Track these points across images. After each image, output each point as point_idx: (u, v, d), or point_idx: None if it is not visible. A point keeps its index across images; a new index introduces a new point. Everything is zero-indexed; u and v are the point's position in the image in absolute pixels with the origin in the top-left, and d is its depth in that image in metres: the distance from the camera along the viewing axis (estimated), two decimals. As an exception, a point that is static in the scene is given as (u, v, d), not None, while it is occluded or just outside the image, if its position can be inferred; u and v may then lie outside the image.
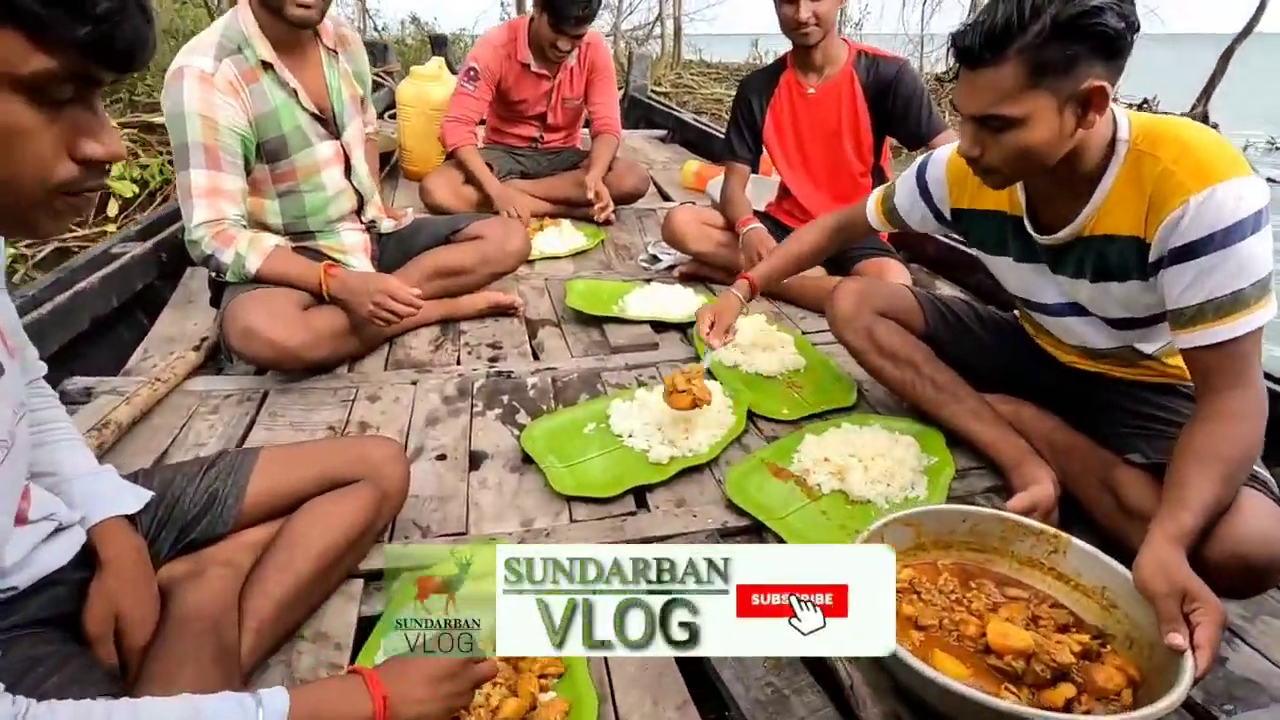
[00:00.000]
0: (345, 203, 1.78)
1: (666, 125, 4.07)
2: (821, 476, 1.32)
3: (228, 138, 1.48)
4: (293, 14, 1.46)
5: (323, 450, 1.10)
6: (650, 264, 2.40)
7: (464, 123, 2.53)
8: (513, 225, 1.94)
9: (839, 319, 1.51)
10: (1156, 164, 0.97)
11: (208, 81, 1.44)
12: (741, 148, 2.20)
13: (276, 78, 1.55)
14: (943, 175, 1.30)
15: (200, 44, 1.48)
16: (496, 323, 1.95)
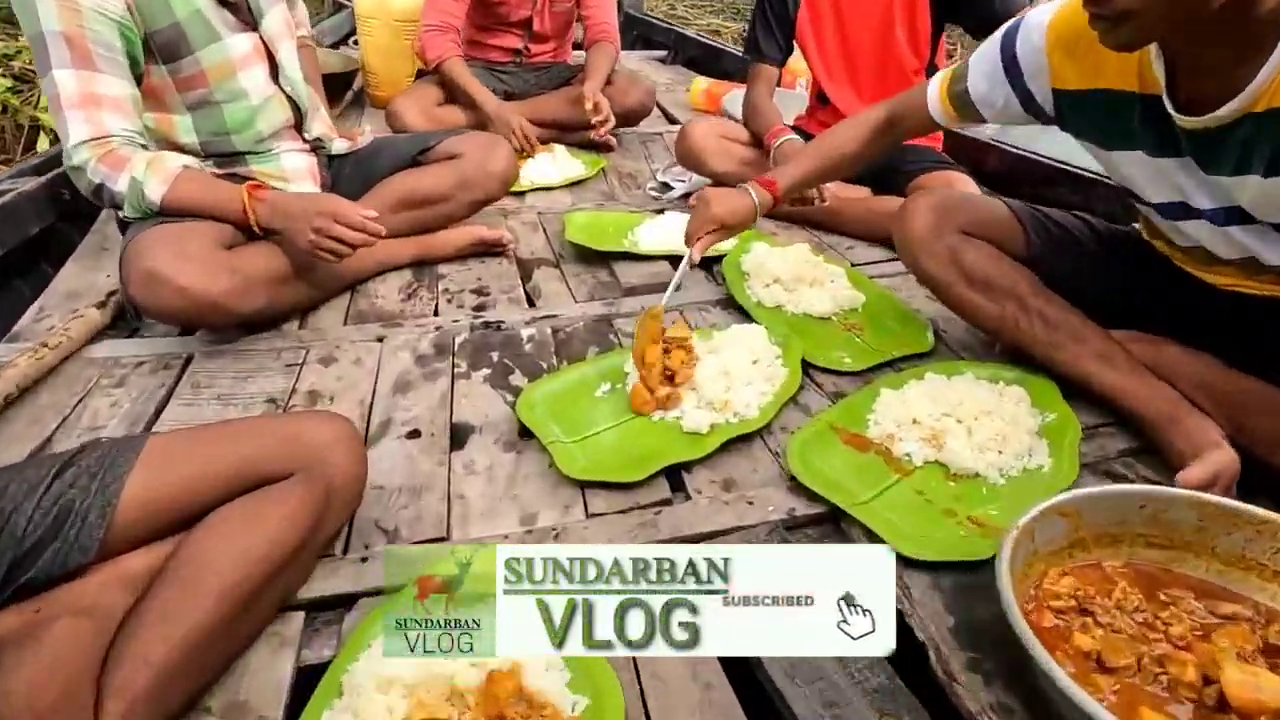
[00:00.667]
0: (277, 114, 1.41)
1: (667, 44, 3.62)
2: (910, 444, 1.01)
3: (98, 25, 1.11)
4: None
5: (239, 434, 0.79)
6: (661, 192, 2.04)
7: (445, 30, 2.13)
8: (497, 141, 1.58)
9: (914, 241, 1.17)
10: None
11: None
12: (769, 45, 1.82)
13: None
14: (1040, 44, 0.98)
15: None
16: (482, 264, 1.61)
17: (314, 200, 1.21)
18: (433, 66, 2.15)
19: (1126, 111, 0.93)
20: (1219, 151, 0.84)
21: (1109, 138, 0.98)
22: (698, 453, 1.01)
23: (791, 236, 1.77)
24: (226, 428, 0.82)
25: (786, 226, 1.82)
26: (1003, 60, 1.03)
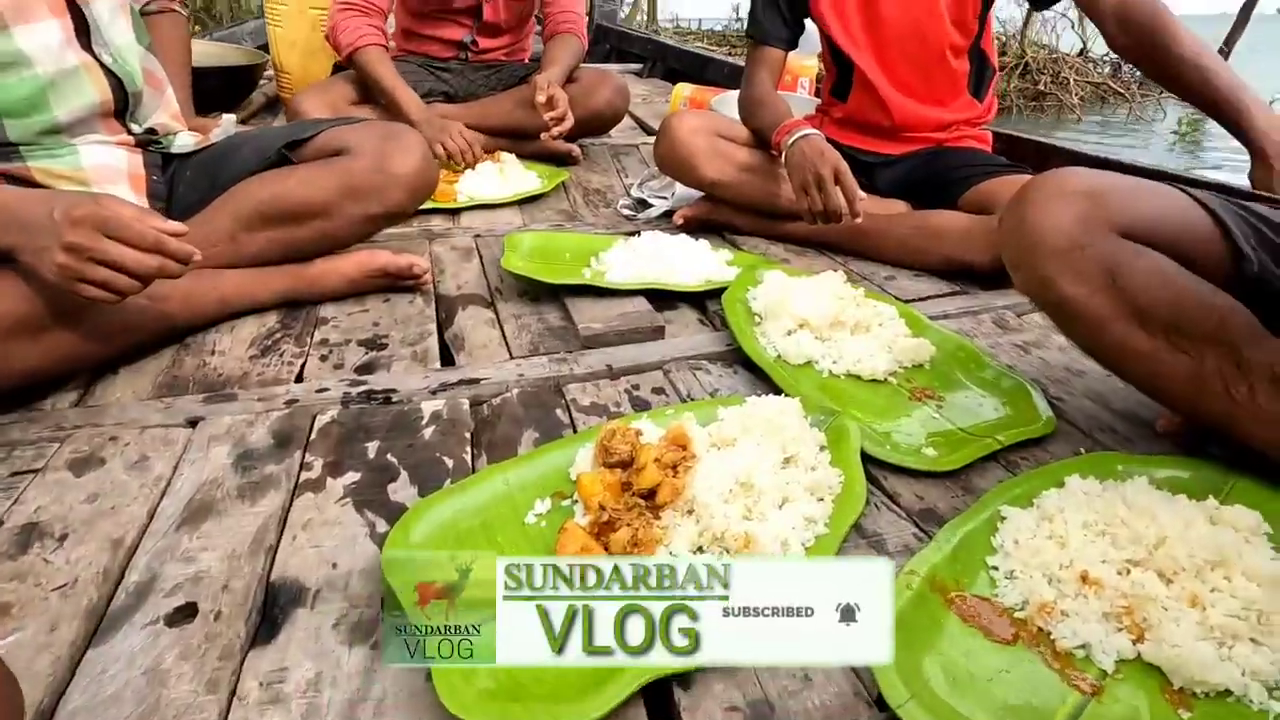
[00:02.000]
0: (84, 94, 0.97)
1: (644, 55, 3.24)
2: (1087, 625, 0.56)
3: None
4: None
5: None
6: (636, 211, 1.61)
7: (363, 12, 1.70)
8: (403, 132, 1.13)
9: (1051, 246, 0.72)
10: None
11: None
12: (775, 23, 1.42)
13: None
14: None
15: None
16: (385, 303, 1.15)
17: (70, 202, 0.74)
18: (345, 56, 1.72)
19: None
20: None
21: None
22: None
23: (811, 264, 1.34)
24: None
25: (802, 252, 1.39)
26: None
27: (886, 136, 1.44)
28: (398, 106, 1.68)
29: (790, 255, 1.37)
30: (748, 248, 1.40)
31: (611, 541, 0.63)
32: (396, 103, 1.68)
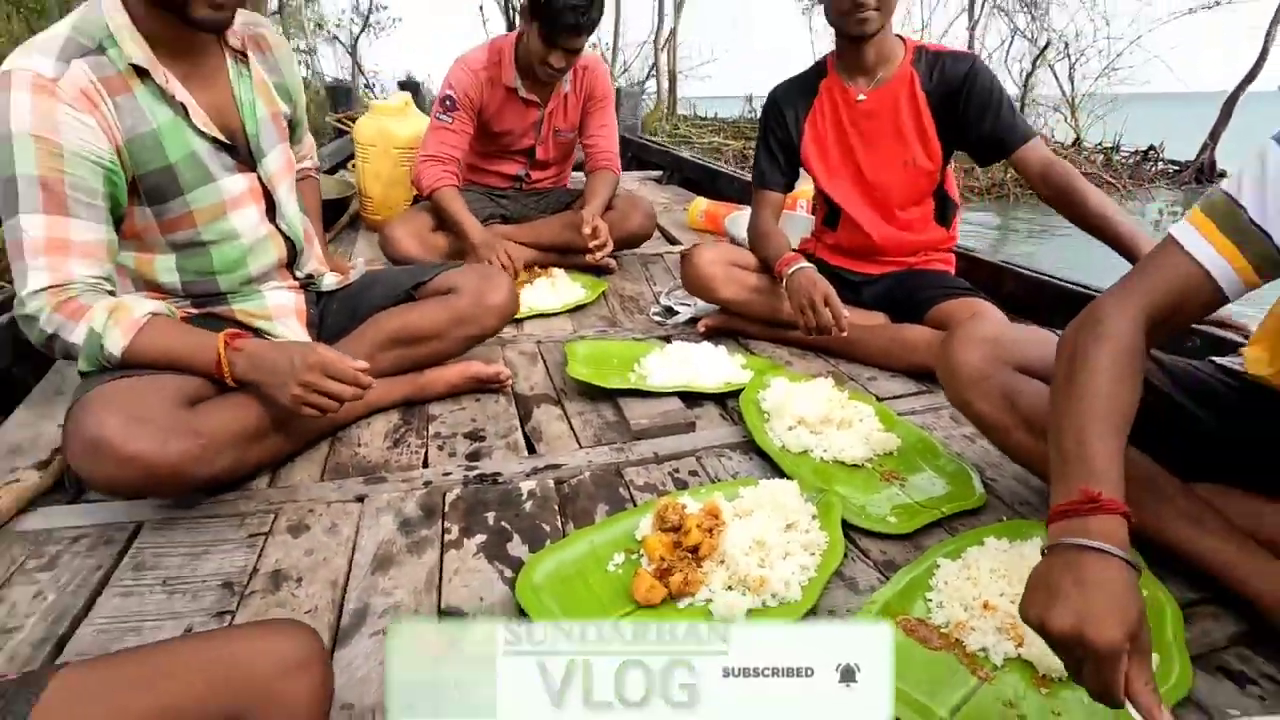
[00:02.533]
0: (269, 254, 1.33)
1: (663, 165, 3.70)
2: (986, 636, 0.85)
3: (80, 170, 1.03)
4: (200, 15, 1.04)
5: (159, 674, 0.62)
6: (665, 317, 1.96)
7: (441, 161, 2.12)
8: (495, 274, 1.50)
9: (963, 378, 1.06)
10: None
11: (46, 90, 1.00)
12: (774, 172, 1.79)
13: (156, 90, 1.11)
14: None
15: (43, 41, 1.05)
16: (477, 402, 1.49)
17: (300, 351, 1.09)
18: (425, 194, 2.13)
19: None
20: None
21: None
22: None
23: (809, 365, 1.68)
24: (148, 662, 0.65)
25: (802, 355, 1.73)
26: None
27: (867, 260, 1.79)
28: (463, 233, 2.07)
29: (792, 358, 1.71)
30: (758, 351, 1.74)
31: (669, 582, 0.93)
32: (463, 230, 2.07)
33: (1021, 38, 10.35)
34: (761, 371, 1.54)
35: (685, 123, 9.28)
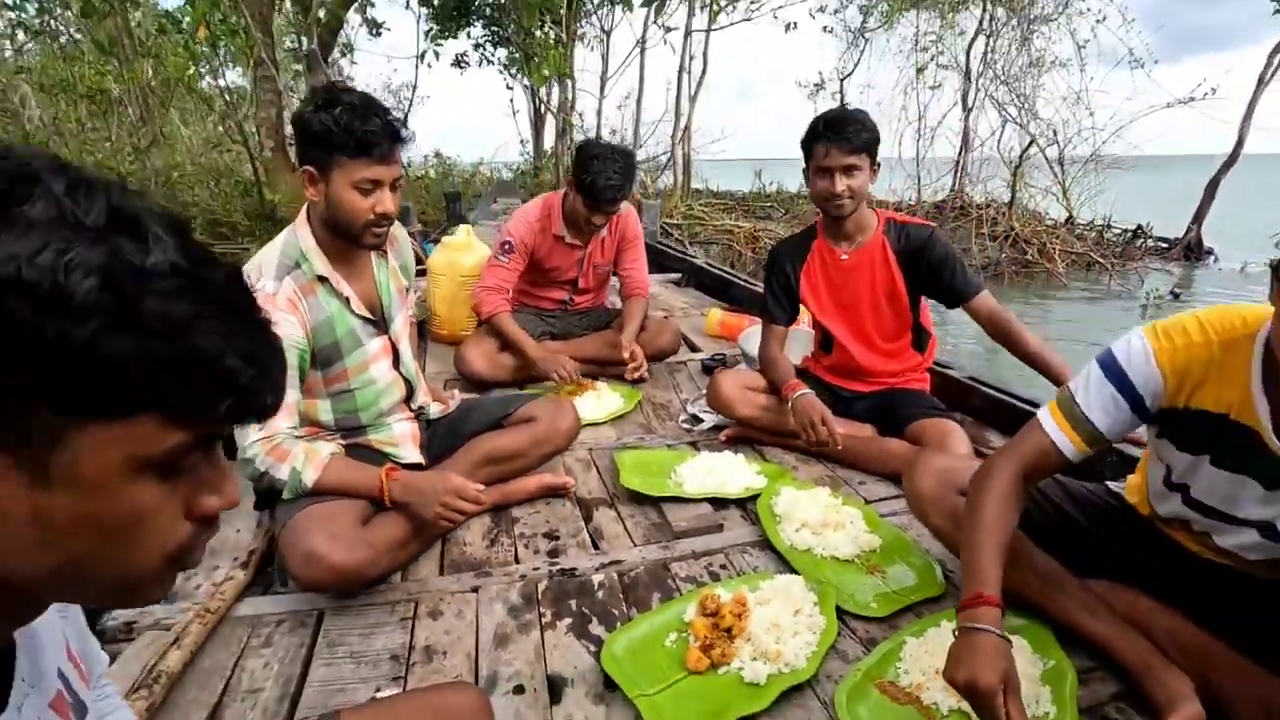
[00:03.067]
0: (395, 393, 1.75)
1: (680, 269, 4.19)
2: (936, 693, 1.21)
3: (287, 355, 1.47)
4: (368, 243, 1.50)
5: (408, 710, 1.00)
6: (692, 425, 2.37)
7: (498, 291, 2.58)
8: (564, 405, 1.92)
9: (921, 501, 1.45)
10: None
11: (270, 302, 1.45)
12: (779, 312, 2.23)
13: (331, 288, 1.56)
14: (1155, 372, 1.10)
15: (263, 264, 1.50)
16: (549, 505, 1.88)
17: (439, 480, 1.51)
18: (484, 319, 2.59)
19: (1220, 431, 1.07)
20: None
21: (1195, 445, 1.12)
22: (761, 704, 1.20)
23: (811, 470, 2.07)
24: (397, 706, 1.04)
25: (805, 460, 2.12)
26: (1119, 391, 1.13)
27: (857, 379, 2.21)
28: (522, 350, 2.52)
29: (798, 464, 2.10)
30: (770, 457, 2.13)
31: (711, 655, 1.30)
32: (522, 349, 2.52)
33: (1013, 124, 11.01)
34: (774, 479, 1.93)
35: (699, 202, 9.95)
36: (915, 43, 11.65)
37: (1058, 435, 1.18)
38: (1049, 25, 10.66)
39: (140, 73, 6.17)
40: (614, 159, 2.36)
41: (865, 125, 1.95)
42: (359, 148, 1.44)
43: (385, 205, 1.51)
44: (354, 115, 1.43)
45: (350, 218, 1.49)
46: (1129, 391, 1.12)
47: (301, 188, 1.53)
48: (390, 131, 1.46)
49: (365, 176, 1.46)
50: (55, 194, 0.39)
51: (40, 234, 0.38)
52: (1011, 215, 10.05)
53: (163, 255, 0.41)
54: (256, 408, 0.47)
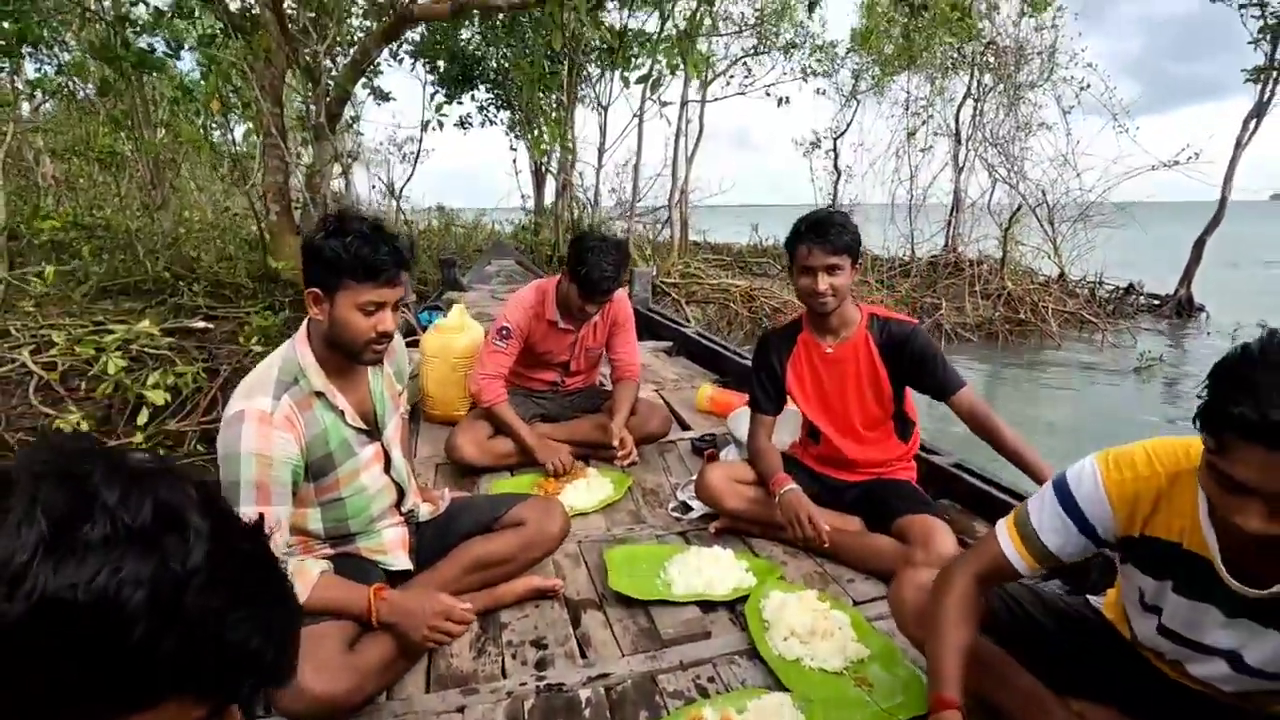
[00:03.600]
0: (386, 499, 1.77)
1: (671, 338, 4.25)
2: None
3: (280, 471, 1.49)
4: (368, 359, 1.54)
5: None
6: (682, 513, 2.38)
7: (496, 378, 2.62)
8: (553, 507, 1.93)
9: (904, 614, 1.46)
10: None
11: (266, 421, 1.48)
12: (766, 402, 2.26)
13: (328, 402, 1.59)
14: (1105, 503, 1.15)
15: (260, 383, 1.53)
16: (537, 608, 1.88)
17: (428, 600, 1.52)
18: (483, 407, 2.61)
19: (1174, 558, 1.11)
20: (1260, 613, 1.04)
21: (1155, 570, 1.15)
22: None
23: (800, 565, 2.07)
24: None
25: (794, 554, 2.13)
26: (1071, 520, 1.18)
27: (844, 470, 2.23)
28: (520, 439, 2.54)
29: (787, 558, 2.11)
30: (760, 551, 2.14)
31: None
32: (520, 438, 2.54)
33: (1003, 184, 11.22)
34: (763, 576, 1.94)
35: (697, 258, 10.14)
36: (906, 106, 12.00)
37: (1010, 551, 1.24)
38: (1035, 91, 10.98)
39: (154, 144, 6.37)
40: (608, 251, 2.43)
41: (846, 228, 2.02)
42: (366, 273, 1.49)
43: (387, 325, 1.55)
44: (363, 242, 1.48)
45: (353, 337, 1.53)
46: (1078, 517, 1.18)
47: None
48: (397, 258, 1.52)
49: (370, 299, 1.51)
50: (110, 509, 0.45)
51: (97, 558, 0.43)
52: (1004, 274, 10.18)
53: (201, 550, 0.46)
54: (276, 680, 0.52)
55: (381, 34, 6.24)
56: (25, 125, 7.58)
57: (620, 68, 8.22)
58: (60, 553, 0.43)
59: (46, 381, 3.89)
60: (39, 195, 7.95)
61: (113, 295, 5.50)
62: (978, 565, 1.28)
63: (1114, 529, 1.16)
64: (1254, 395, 0.86)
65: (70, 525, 0.44)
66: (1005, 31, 10.60)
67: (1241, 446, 0.88)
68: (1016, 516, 1.26)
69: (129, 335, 4.06)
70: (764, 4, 11.20)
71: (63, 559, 0.43)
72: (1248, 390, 0.86)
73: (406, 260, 1.56)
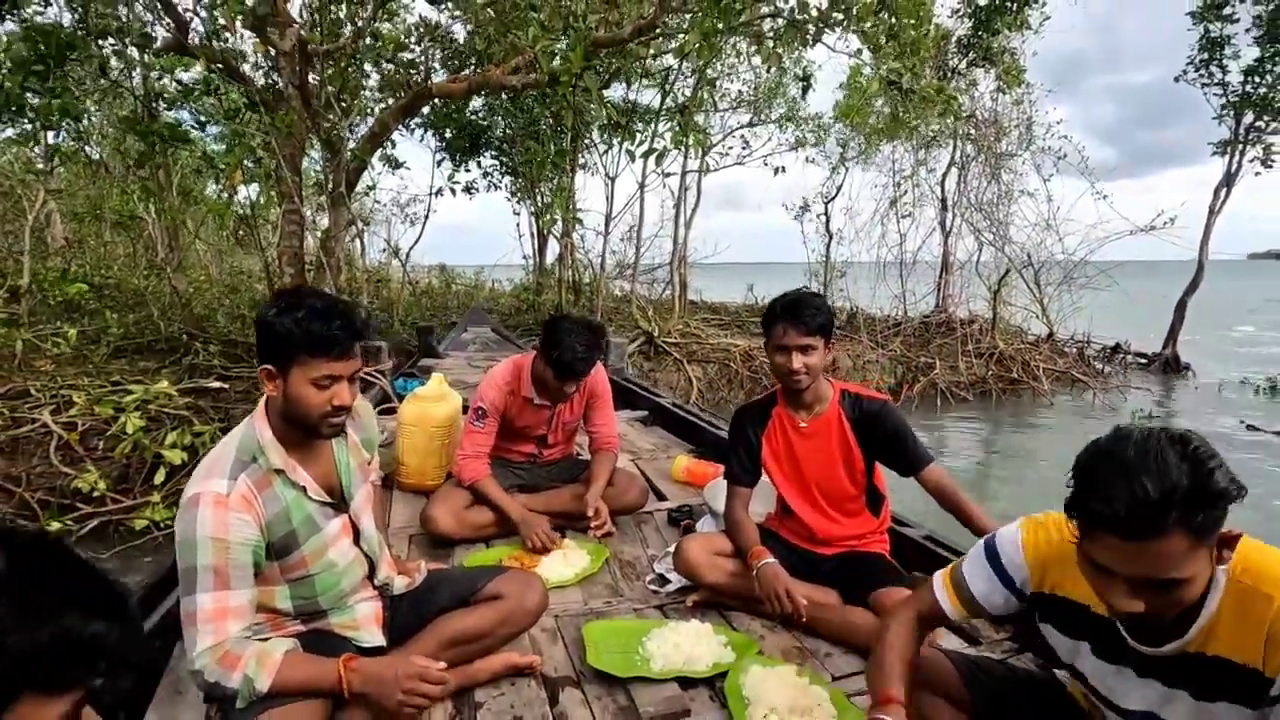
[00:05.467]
0: (357, 572, 1.73)
1: (647, 408, 4.30)
2: None
3: (239, 554, 1.45)
4: (325, 433, 1.54)
5: None
6: (659, 586, 2.37)
7: (478, 457, 2.63)
8: (531, 581, 1.92)
9: None
10: (1270, 603, 1.02)
11: (222, 504, 1.44)
12: (743, 474, 2.31)
13: (287, 479, 1.56)
14: (1021, 560, 1.28)
15: (216, 463, 1.51)
16: (513, 686, 1.83)
17: (400, 664, 1.47)
18: (466, 485, 2.61)
19: (1083, 618, 1.21)
20: (1162, 671, 1.13)
21: (1069, 630, 1.25)
22: None
23: (778, 639, 2.07)
24: None
25: (773, 628, 2.13)
26: (995, 573, 1.31)
27: (818, 544, 2.26)
28: (505, 512, 2.53)
29: (765, 631, 2.11)
30: (738, 623, 2.14)
31: None
32: (505, 510, 2.54)
33: (990, 247, 11.63)
34: (742, 651, 1.93)
35: (695, 318, 10.34)
36: (892, 175, 12.51)
37: (941, 596, 1.39)
38: (1015, 159, 11.54)
39: (174, 209, 6.50)
40: (581, 333, 2.49)
41: (820, 309, 2.13)
42: (319, 347, 1.48)
43: (343, 398, 1.53)
44: (315, 316, 1.48)
45: (308, 411, 1.51)
46: (1000, 570, 1.31)
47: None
48: (350, 331, 1.51)
49: (325, 373, 1.50)
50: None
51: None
52: (995, 333, 10.48)
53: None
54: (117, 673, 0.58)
55: (400, 109, 6.51)
56: (52, 192, 7.63)
57: (625, 141, 8.64)
58: None
59: (66, 441, 3.82)
60: (46, 257, 7.90)
61: (128, 354, 5.48)
62: (918, 606, 1.43)
63: (1029, 584, 1.29)
64: (1105, 490, 0.96)
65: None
66: (983, 105, 11.32)
67: (1099, 535, 0.99)
68: (953, 567, 1.40)
69: (147, 395, 4.01)
70: (759, 84, 11.86)
71: None
72: (1099, 484, 0.97)
73: (361, 333, 1.56)
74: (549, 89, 5.34)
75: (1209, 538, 0.98)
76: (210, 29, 5.57)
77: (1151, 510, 0.93)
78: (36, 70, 4.48)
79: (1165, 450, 0.95)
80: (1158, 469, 0.94)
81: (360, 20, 5.78)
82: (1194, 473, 0.94)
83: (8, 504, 3.73)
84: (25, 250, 5.65)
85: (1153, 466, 0.94)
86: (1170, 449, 0.95)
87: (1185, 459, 0.94)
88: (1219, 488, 0.94)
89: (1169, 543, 0.95)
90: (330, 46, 5.69)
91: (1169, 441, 0.96)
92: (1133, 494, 0.94)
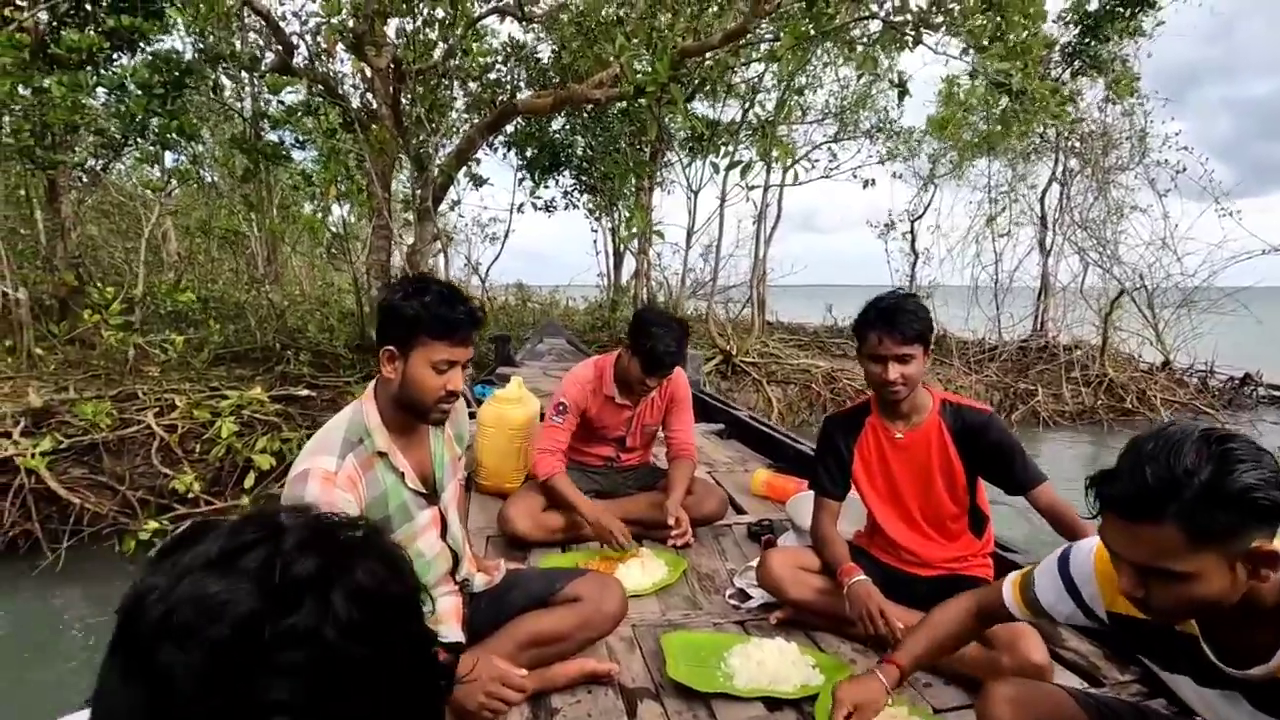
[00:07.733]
0: (441, 565, 1.73)
1: (724, 421, 4.20)
2: None
3: None
4: (436, 416, 1.55)
5: None
6: (740, 601, 2.26)
7: (554, 453, 2.61)
8: (610, 585, 1.86)
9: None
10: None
11: (330, 480, 1.47)
12: (832, 486, 2.18)
13: (389, 462, 1.59)
14: (1091, 573, 1.22)
15: (326, 442, 1.54)
16: (590, 694, 1.77)
17: (485, 665, 1.45)
18: (541, 481, 2.59)
19: (1172, 642, 1.11)
20: (1268, 698, 1.01)
21: (1161, 660, 1.17)
22: None
23: (870, 663, 1.91)
24: None
25: (864, 651, 1.99)
26: (1063, 581, 1.27)
27: (912, 565, 2.11)
28: (579, 511, 2.49)
29: (856, 655, 1.97)
30: (826, 644, 2.01)
31: None
32: (580, 510, 2.49)
33: (1096, 268, 10.68)
34: (831, 674, 1.81)
35: (772, 339, 10.16)
36: (988, 192, 11.61)
37: (1007, 589, 1.39)
38: (1125, 174, 10.47)
39: (275, 224, 6.94)
40: (671, 328, 2.45)
41: (918, 315, 1.98)
42: (443, 330, 1.52)
43: (456, 383, 1.57)
44: (441, 301, 1.53)
45: (424, 394, 1.54)
46: (1068, 578, 1.27)
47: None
48: (472, 318, 1.55)
49: (445, 357, 1.53)
50: (282, 547, 0.46)
51: (229, 582, 0.43)
52: (1104, 360, 9.66)
53: (310, 621, 0.44)
54: None
55: (486, 125, 6.74)
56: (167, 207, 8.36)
57: (709, 154, 8.62)
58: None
59: (166, 443, 4.09)
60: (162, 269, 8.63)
61: (226, 362, 5.86)
62: (981, 597, 1.46)
63: (1100, 600, 1.22)
64: (1116, 471, 0.99)
65: (235, 555, 0.47)
66: (1090, 116, 10.34)
67: (1106, 516, 1.00)
68: (1022, 575, 1.38)
69: (241, 401, 4.25)
70: (845, 95, 11.46)
71: None
72: (1117, 467, 0.99)
73: (480, 321, 1.60)
74: (633, 101, 5.41)
75: (1216, 541, 0.92)
76: (314, 52, 5.92)
77: (1149, 494, 0.93)
78: (158, 95, 4.88)
79: (1187, 444, 0.93)
80: (1168, 459, 0.93)
81: (451, 40, 6.01)
82: (1215, 471, 0.90)
83: (111, 501, 3.99)
84: (141, 262, 6.13)
85: (1165, 456, 0.93)
86: (1197, 444, 0.92)
87: (1211, 457, 0.91)
88: (1236, 490, 0.89)
89: (1161, 531, 0.93)
90: (422, 66, 5.94)
91: (1201, 438, 0.93)
92: (1135, 477, 0.94)
